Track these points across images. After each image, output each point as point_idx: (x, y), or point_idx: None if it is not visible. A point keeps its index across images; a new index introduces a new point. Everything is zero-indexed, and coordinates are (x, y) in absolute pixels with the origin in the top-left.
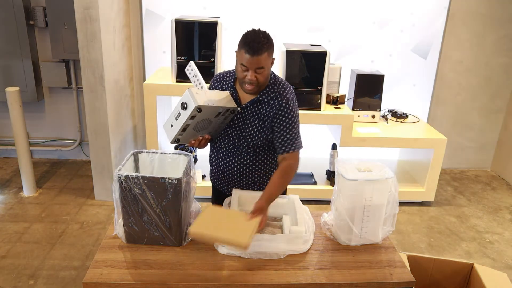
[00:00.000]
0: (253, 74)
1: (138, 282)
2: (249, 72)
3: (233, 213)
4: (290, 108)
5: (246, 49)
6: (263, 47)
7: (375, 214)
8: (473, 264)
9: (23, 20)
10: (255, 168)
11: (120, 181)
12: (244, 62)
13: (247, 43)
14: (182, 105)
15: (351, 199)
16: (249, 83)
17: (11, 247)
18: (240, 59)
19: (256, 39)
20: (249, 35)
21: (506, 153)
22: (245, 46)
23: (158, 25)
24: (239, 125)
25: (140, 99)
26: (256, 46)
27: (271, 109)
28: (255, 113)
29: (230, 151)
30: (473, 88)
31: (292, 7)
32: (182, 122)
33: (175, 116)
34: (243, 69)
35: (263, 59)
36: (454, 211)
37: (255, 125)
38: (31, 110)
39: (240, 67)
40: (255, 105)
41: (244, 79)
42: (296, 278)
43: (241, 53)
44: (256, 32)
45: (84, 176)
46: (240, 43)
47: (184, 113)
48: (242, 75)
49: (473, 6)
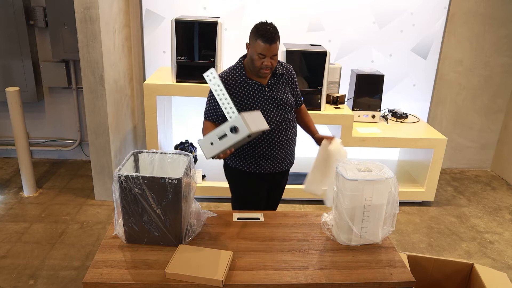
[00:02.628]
0: (269, 60)
1: (138, 282)
2: (265, 59)
3: (205, 251)
4: (292, 69)
5: (263, 40)
6: (275, 36)
7: (375, 214)
8: (473, 264)
9: (23, 20)
10: (295, 129)
11: (120, 181)
12: (262, 51)
13: (262, 34)
14: (232, 129)
15: (351, 199)
16: (266, 68)
17: (11, 247)
18: (256, 49)
19: (269, 29)
20: (261, 27)
21: (506, 153)
22: (261, 37)
23: (158, 25)
24: (275, 102)
25: (140, 99)
26: (271, 36)
27: (288, 76)
28: (281, 85)
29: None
30: (473, 88)
31: (292, 7)
32: (229, 144)
33: (219, 136)
34: (260, 57)
35: (276, 46)
36: (454, 211)
37: (285, 93)
38: (31, 110)
39: (256, 56)
40: (277, 79)
41: (261, 65)
42: (296, 278)
43: (257, 43)
44: (266, 24)
45: (84, 176)
46: (254, 35)
47: (233, 136)
48: (259, 62)
49: (473, 6)
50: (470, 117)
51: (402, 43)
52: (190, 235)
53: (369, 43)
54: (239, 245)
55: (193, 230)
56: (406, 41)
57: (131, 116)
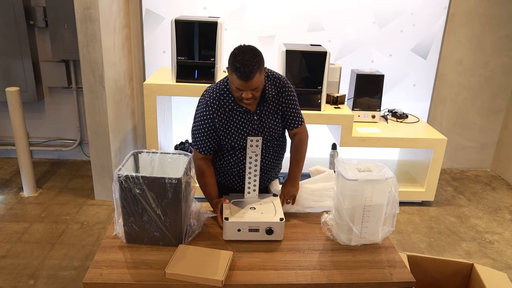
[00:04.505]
0: (248, 93)
1: (138, 282)
2: (244, 92)
3: (205, 251)
4: (288, 85)
5: (237, 75)
6: (252, 71)
7: (375, 214)
8: (473, 264)
9: (23, 20)
10: (280, 155)
11: (120, 181)
12: (238, 86)
13: (237, 68)
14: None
15: (351, 199)
16: (246, 100)
17: (11, 247)
18: (233, 81)
19: (245, 62)
20: (238, 58)
21: (506, 153)
22: (236, 72)
23: (158, 25)
24: (262, 129)
25: (140, 99)
26: (247, 71)
27: (282, 96)
28: (271, 110)
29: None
30: (473, 88)
31: (292, 7)
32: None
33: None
34: (238, 90)
35: (256, 80)
36: (454, 211)
37: (275, 119)
38: (31, 110)
39: (234, 87)
40: (266, 105)
41: (240, 97)
42: (296, 278)
43: (233, 77)
44: (243, 53)
45: (84, 176)
46: (230, 67)
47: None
48: (238, 94)
49: (473, 6)
50: (470, 117)
51: (402, 43)
52: (190, 235)
53: (369, 43)
54: (239, 245)
55: (193, 230)
56: (406, 41)
57: (131, 116)
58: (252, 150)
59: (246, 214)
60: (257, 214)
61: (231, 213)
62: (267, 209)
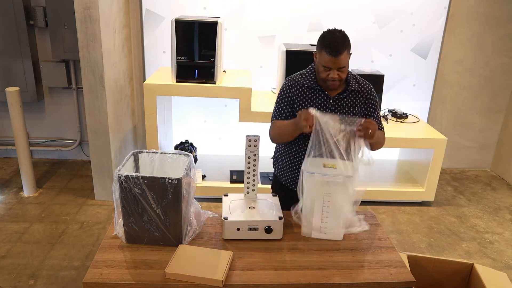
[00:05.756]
0: (335, 73)
1: (138, 282)
2: (331, 71)
3: (205, 251)
4: (374, 92)
5: (327, 51)
6: (342, 47)
7: (334, 211)
8: (473, 264)
9: (23, 20)
10: None
11: (120, 181)
12: (326, 63)
13: (327, 45)
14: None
15: (310, 193)
16: (332, 81)
17: (11, 247)
18: (321, 60)
19: (335, 39)
20: (327, 36)
21: (506, 153)
22: (326, 48)
23: (158, 25)
24: (334, 114)
25: (140, 99)
26: (336, 47)
27: (363, 95)
28: (350, 102)
29: None
30: (473, 88)
31: (292, 7)
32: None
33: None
34: (326, 69)
35: (343, 58)
36: (454, 211)
37: (353, 113)
38: (31, 110)
39: (322, 67)
40: (347, 94)
41: (327, 77)
42: (296, 278)
43: (322, 55)
44: (333, 32)
45: (84, 176)
46: (320, 45)
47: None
48: (325, 74)
49: (473, 6)
50: (470, 117)
51: (402, 43)
52: (190, 235)
53: (369, 43)
54: (239, 245)
55: (193, 230)
56: (406, 41)
57: (131, 116)
58: (251, 150)
59: (245, 213)
60: (256, 213)
61: (230, 212)
62: (266, 208)
